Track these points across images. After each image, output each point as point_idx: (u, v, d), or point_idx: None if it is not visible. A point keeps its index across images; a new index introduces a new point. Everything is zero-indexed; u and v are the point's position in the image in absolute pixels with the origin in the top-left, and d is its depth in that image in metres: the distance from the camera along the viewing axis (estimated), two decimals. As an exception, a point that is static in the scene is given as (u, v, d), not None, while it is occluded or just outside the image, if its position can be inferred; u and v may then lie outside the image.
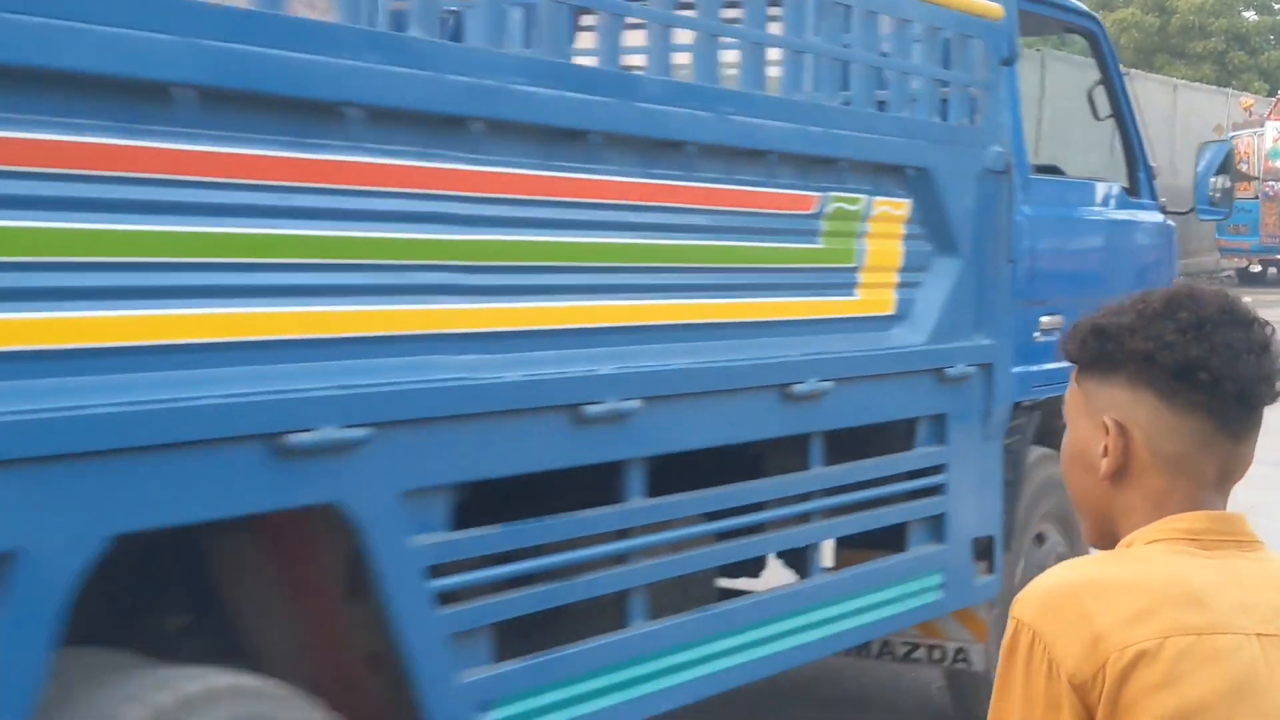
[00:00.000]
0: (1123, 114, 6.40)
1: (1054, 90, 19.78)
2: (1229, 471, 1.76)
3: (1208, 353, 1.70)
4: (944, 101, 4.90)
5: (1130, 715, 1.62)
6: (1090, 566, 1.74)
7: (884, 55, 4.58)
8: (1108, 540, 1.81)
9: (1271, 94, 32.44)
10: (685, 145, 3.79)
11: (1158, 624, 1.63)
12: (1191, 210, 6.75)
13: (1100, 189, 6.30)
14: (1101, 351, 1.76)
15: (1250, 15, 39.51)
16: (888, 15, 4.56)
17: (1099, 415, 1.76)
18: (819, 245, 4.29)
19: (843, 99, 4.52)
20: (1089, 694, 1.63)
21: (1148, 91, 25.69)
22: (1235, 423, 1.74)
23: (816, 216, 4.27)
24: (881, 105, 4.64)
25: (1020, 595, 1.72)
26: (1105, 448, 1.75)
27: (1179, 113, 27.79)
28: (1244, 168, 24.82)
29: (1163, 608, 1.65)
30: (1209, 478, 1.75)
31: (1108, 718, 1.63)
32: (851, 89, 4.51)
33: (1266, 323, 1.77)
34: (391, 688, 3.15)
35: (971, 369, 4.89)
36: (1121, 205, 6.34)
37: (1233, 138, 22.52)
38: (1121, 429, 1.74)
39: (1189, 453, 1.73)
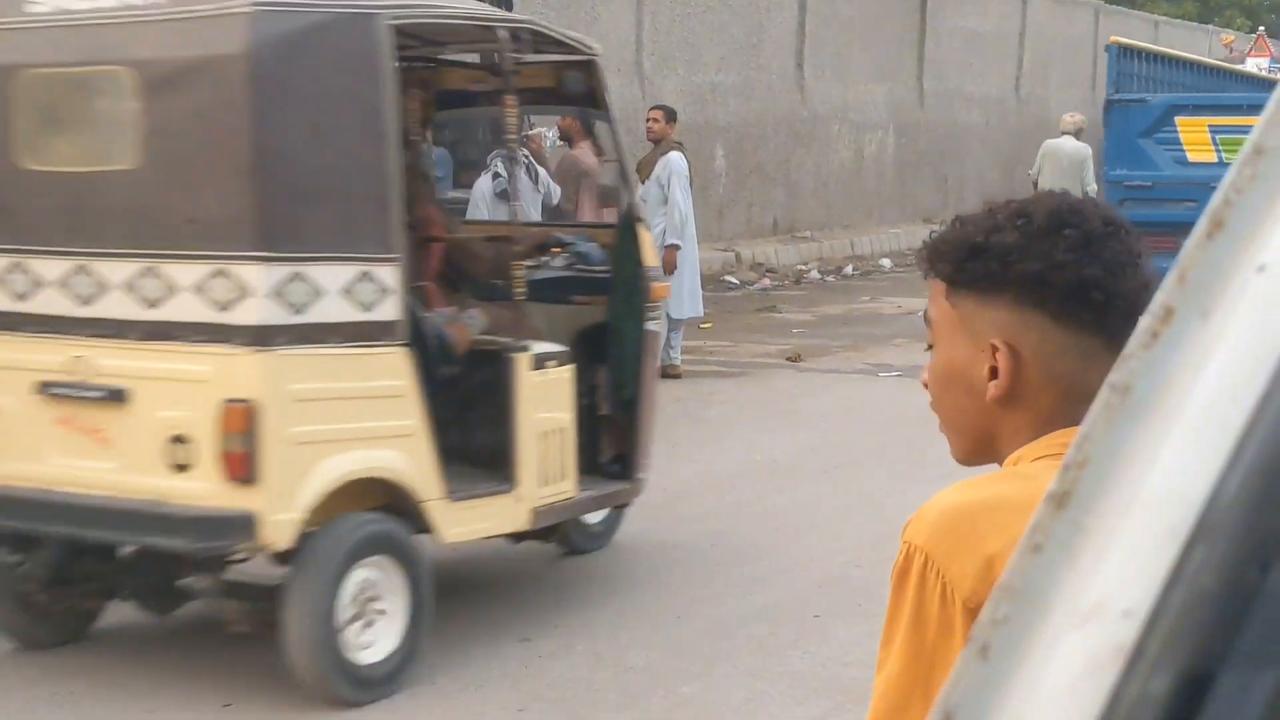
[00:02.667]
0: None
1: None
2: None
3: (1101, 271, 1.66)
4: None
5: None
6: (982, 487, 1.70)
7: None
8: (984, 459, 1.77)
9: (1253, 30, 32.21)
10: None
11: None
12: None
13: None
14: (983, 272, 1.69)
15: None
16: None
17: (982, 337, 1.70)
18: None
19: None
20: None
21: (1128, 29, 25.59)
22: (1120, 335, 1.67)
23: None
24: None
25: (911, 518, 1.68)
26: (993, 370, 1.69)
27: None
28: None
29: None
30: (1091, 392, 1.71)
31: None
32: None
33: (1130, 224, 1.72)
34: None
35: None
36: None
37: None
38: (1012, 351, 1.69)
39: (1077, 370, 1.68)
